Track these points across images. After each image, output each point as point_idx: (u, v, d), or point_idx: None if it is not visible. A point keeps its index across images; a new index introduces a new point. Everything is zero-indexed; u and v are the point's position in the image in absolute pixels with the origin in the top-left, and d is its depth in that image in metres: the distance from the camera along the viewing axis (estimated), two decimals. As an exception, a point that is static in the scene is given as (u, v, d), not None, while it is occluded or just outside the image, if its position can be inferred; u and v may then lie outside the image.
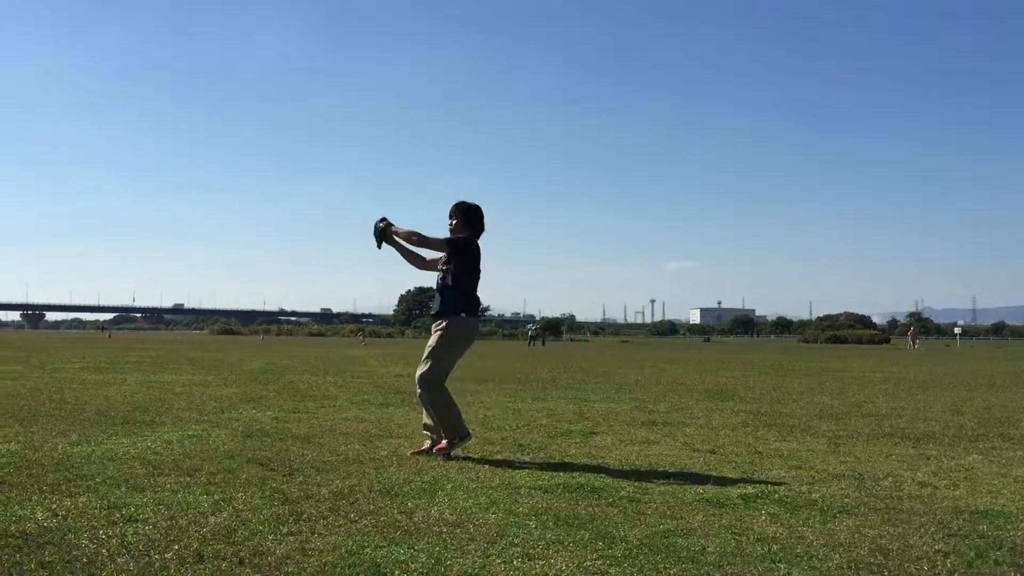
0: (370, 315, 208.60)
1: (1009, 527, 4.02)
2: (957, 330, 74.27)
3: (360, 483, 4.79)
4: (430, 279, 6.28)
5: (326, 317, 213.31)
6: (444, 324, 5.80)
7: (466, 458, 5.77)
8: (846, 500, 4.57)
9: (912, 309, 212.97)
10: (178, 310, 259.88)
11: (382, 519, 3.96)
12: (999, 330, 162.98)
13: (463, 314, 5.79)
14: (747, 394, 11.91)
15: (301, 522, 3.87)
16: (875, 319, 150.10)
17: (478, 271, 5.90)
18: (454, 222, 5.97)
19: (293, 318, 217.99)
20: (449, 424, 5.74)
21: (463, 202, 6.00)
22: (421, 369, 5.81)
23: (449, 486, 4.74)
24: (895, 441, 7.02)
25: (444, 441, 5.75)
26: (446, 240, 5.83)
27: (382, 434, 6.91)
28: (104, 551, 3.36)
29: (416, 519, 3.97)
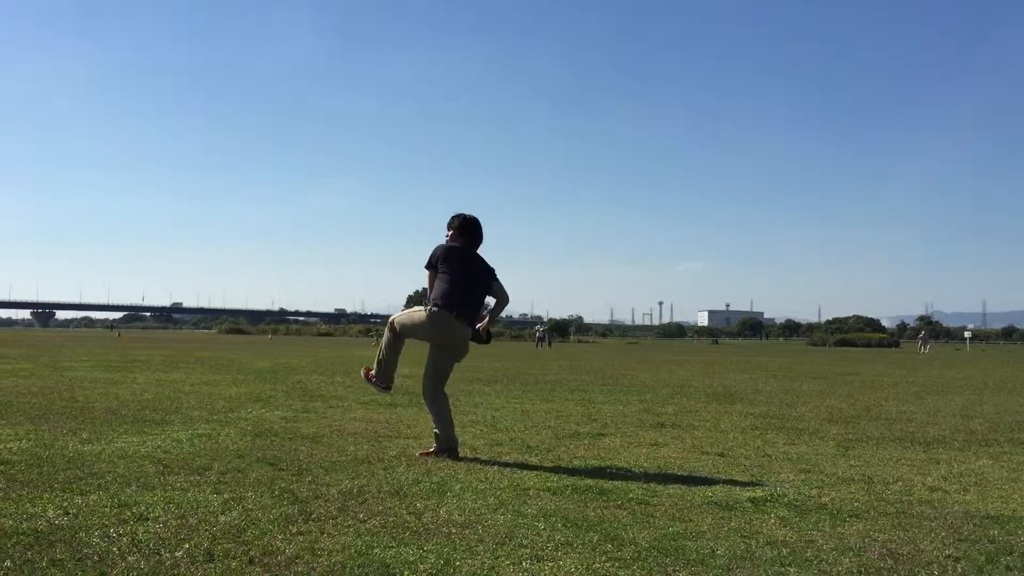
0: (377, 315, 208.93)
1: (1020, 532, 4.01)
2: (967, 334, 74.10)
3: (369, 483, 4.80)
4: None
5: (335, 317, 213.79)
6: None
7: (475, 459, 5.78)
8: (856, 504, 4.56)
9: (922, 312, 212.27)
10: (187, 309, 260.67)
11: (391, 519, 3.97)
12: (1009, 334, 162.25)
13: (434, 307, 5.89)
14: (756, 397, 11.89)
15: (310, 522, 3.89)
16: (884, 322, 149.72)
17: (455, 272, 5.94)
18: (450, 233, 6.15)
19: (301, 318, 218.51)
20: (384, 365, 6.17)
21: (460, 215, 6.18)
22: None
23: (458, 487, 4.75)
24: (905, 445, 7.00)
25: (373, 371, 6.25)
26: (427, 266, 6.06)
27: (391, 434, 6.92)
28: (115, 549, 3.37)
29: (425, 520, 3.98)
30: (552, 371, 18.48)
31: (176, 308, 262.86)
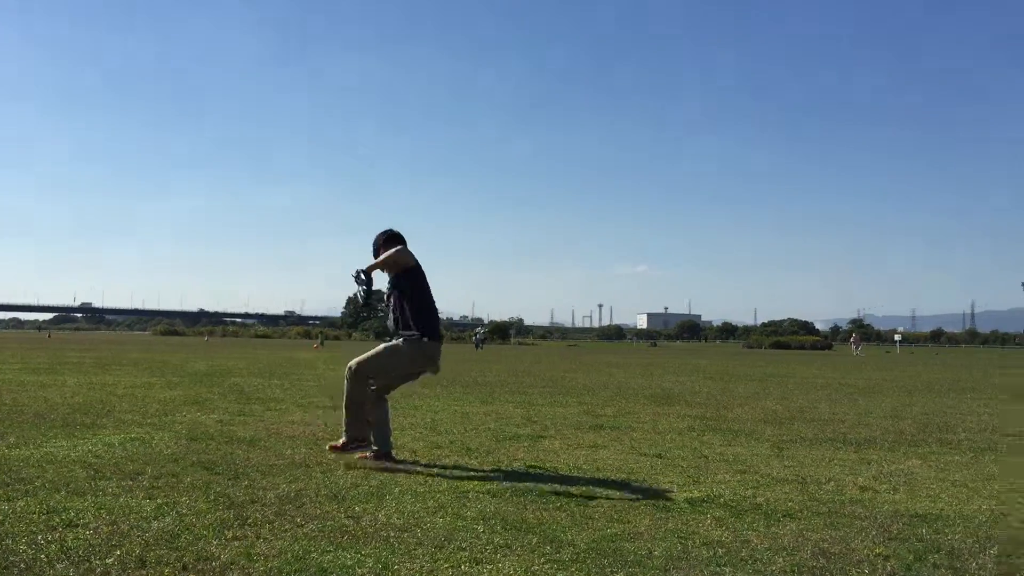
0: (317, 317, 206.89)
1: (947, 530, 4.13)
2: (897, 337, 75.86)
3: (307, 487, 4.75)
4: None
5: (272, 319, 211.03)
6: (402, 341, 5.73)
7: (414, 462, 5.75)
8: (790, 504, 4.65)
9: (854, 316, 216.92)
10: (121, 311, 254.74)
11: (329, 524, 3.93)
12: (937, 337, 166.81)
13: (424, 339, 5.70)
14: (693, 399, 12.03)
15: (246, 527, 3.83)
16: (818, 325, 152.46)
17: (428, 292, 5.82)
18: (399, 248, 5.77)
19: (239, 320, 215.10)
20: (354, 416, 5.71)
21: (389, 230, 5.90)
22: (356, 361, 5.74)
23: (396, 490, 4.72)
24: (837, 446, 7.15)
25: (342, 438, 5.77)
26: (404, 249, 5.70)
27: (329, 437, 6.83)
28: (43, 556, 3.28)
29: (363, 523, 3.95)
30: (492, 373, 18.48)
31: (112, 310, 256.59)
